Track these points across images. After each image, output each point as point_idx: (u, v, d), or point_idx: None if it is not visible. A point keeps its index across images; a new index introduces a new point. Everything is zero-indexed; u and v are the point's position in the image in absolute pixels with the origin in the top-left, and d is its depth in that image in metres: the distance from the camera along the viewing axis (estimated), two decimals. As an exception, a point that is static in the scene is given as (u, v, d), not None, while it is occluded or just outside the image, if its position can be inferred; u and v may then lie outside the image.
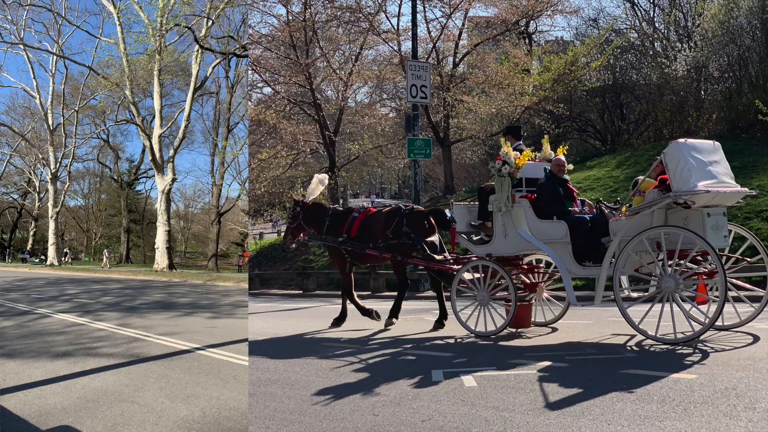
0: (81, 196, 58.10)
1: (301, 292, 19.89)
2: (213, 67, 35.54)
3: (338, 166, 27.12)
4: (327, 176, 12.24)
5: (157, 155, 35.61)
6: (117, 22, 34.57)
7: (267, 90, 28.03)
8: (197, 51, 32.68)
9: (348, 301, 10.76)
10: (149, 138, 35.85)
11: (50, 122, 45.91)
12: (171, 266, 35.66)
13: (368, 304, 11.08)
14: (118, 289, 22.48)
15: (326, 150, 26.35)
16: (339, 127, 26.72)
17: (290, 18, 25.87)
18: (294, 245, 11.80)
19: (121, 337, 10.14)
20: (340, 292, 11.40)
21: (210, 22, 30.67)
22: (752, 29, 23.36)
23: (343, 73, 26.39)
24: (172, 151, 36.08)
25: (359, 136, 28.66)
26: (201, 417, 5.65)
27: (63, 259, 46.42)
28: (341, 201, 29.81)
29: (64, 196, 48.63)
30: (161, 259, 35.68)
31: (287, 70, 26.23)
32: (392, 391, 6.00)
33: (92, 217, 57.97)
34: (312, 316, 13.11)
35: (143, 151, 46.24)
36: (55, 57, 44.79)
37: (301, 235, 11.31)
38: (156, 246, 36.75)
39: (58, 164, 46.47)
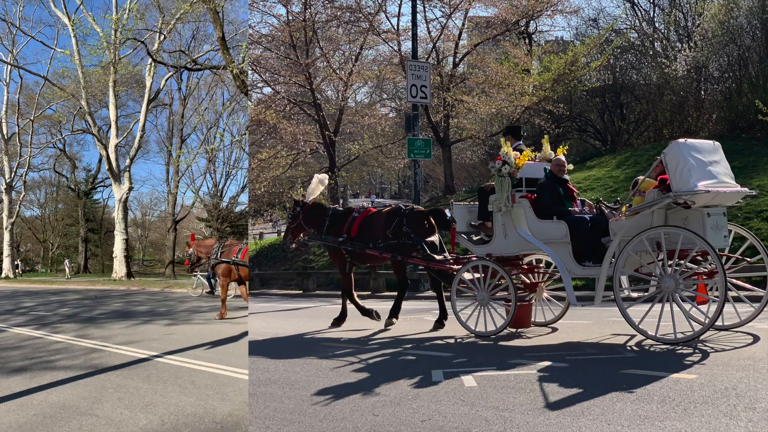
0: (37, 205, 57.05)
1: (301, 292, 19.90)
2: (166, 80, 36.44)
3: (338, 166, 27.12)
4: (327, 176, 12.24)
5: (114, 165, 36.04)
6: (72, 34, 34.95)
7: (267, 90, 28.06)
8: (150, 64, 33.27)
9: (348, 301, 10.76)
10: (105, 148, 36.27)
11: (5, 132, 45.34)
12: (129, 275, 35.99)
13: (368, 304, 11.08)
14: (76, 299, 22.11)
15: (326, 150, 26.34)
16: (339, 127, 26.72)
17: (290, 18, 25.88)
18: (294, 245, 11.81)
19: (79, 349, 10.04)
20: (340, 292, 11.40)
21: (162, 37, 31.20)
22: (752, 29, 23.36)
23: (343, 73, 26.38)
24: (128, 161, 36.64)
25: (359, 136, 28.64)
26: (160, 425, 5.67)
27: (16, 270, 46.01)
28: (341, 201, 29.81)
29: (19, 206, 47.85)
30: (119, 267, 35.97)
31: (287, 70, 26.23)
32: (392, 391, 6.00)
33: (49, 227, 57.01)
34: (312, 316, 13.10)
35: (100, 160, 46.34)
36: (9, 66, 44.51)
37: (301, 235, 11.30)
38: (114, 255, 37.01)
39: (12, 174, 45.99)
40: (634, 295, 8.69)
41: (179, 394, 6.75)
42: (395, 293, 10.69)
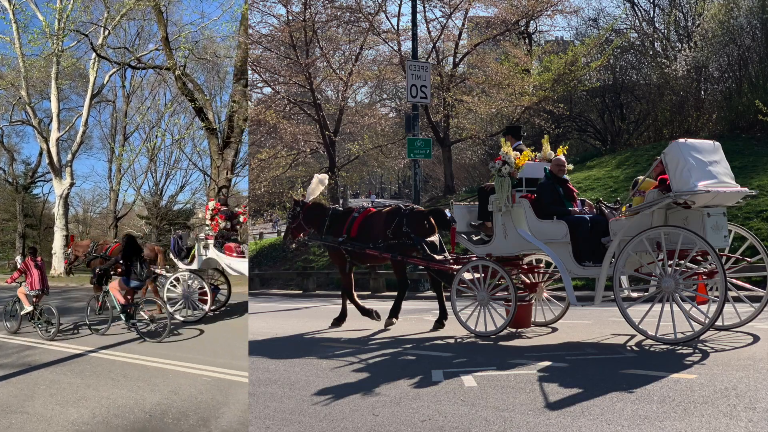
0: (-29, 199, 56.65)
1: (301, 292, 19.89)
2: (110, 76, 35.90)
3: (338, 166, 27.10)
4: (327, 176, 12.24)
5: (55, 159, 35.25)
6: (12, 20, 33.55)
7: (267, 90, 28.05)
8: (94, 58, 32.91)
9: (348, 301, 10.76)
10: (46, 141, 35.43)
11: (-63, 120, 44.72)
12: (69, 271, 35.37)
13: (368, 304, 11.08)
14: (10, 296, 21.74)
15: (326, 150, 26.33)
16: (339, 127, 26.71)
17: (290, 18, 25.85)
18: (294, 245, 11.82)
19: (12, 347, 10.04)
20: (340, 292, 11.40)
21: (107, 32, 30.99)
22: (752, 29, 23.34)
23: (343, 73, 26.37)
24: (70, 156, 35.92)
25: (359, 136, 28.62)
26: (90, 418, 5.73)
27: None
28: (341, 201, 29.79)
29: (-49, 200, 46.31)
30: (58, 264, 35.27)
31: (287, 70, 26.21)
32: (392, 391, 6.00)
33: (-17, 222, 56.37)
34: (312, 316, 13.10)
35: (40, 154, 44.79)
36: (-59, 49, 43.69)
37: (301, 235, 11.30)
38: (53, 251, 36.26)
39: (-55, 165, 44.70)
40: (634, 295, 8.69)
41: (111, 387, 6.88)
42: (395, 293, 10.69)
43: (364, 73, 27.20)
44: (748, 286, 8.28)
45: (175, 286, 12.53)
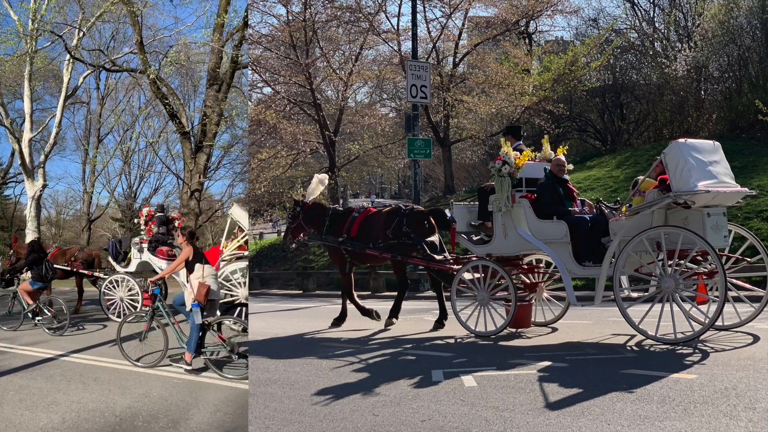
0: (-60, 200, 56.14)
1: (301, 292, 19.89)
2: (84, 78, 35.63)
3: (338, 166, 27.10)
4: (327, 176, 12.24)
5: (27, 160, 34.75)
6: None
7: (267, 90, 28.05)
8: (69, 60, 32.77)
9: (348, 301, 10.76)
10: (19, 141, 34.98)
11: None
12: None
13: (368, 304, 11.08)
14: None
15: (326, 150, 26.33)
16: (339, 127, 26.71)
17: (290, 18, 25.85)
18: (294, 245, 11.81)
19: None
20: (340, 292, 11.40)
21: (81, 34, 30.86)
22: (752, 29, 23.34)
23: (343, 73, 26.37)
24: (43, 157, 35.64)
25: (359, 136, 28.61)
26: (60, 423, 5.73)
27: None
28: (341, 201, 29.78)
29: None
30: None
31: (287, 70, 26.21)
32: (392, 391, 6.00)
33: (-48, 223, 55.99)
34: (312, 316, 13.11)
35: (12, 154, 44.19)
36: None
37: (301, 235, 11.30)
38: None
39: None
40: (634, 295, 8.69)
41: (82, 391, 6.86)
42: (395, 293, 10.69)
43: (364, 73, 27.20)
44: (748, 286, 8.28)
45: (110, 289, 13.11)
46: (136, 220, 15.86)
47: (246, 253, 11.89)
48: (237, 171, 30.79)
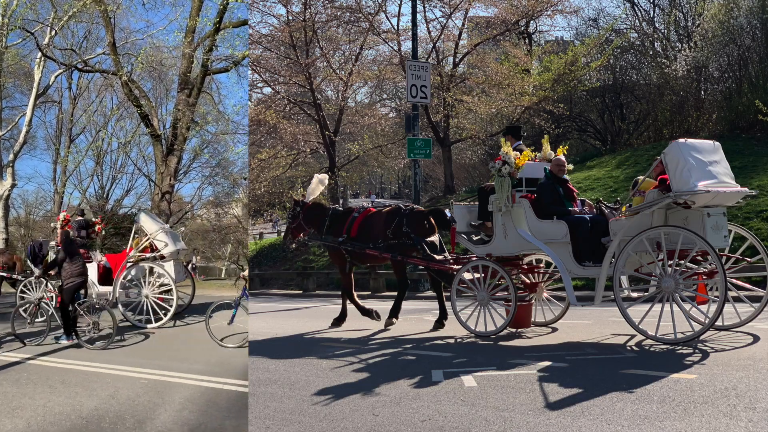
0: None
1: (301, 292, 19.89)
2: (56, 77, 35.26)
3: (338, 166, 27.10)
4: (327, 176, 12.24)
5: None
6: None
7: (267, 90, 28.05)
8: (40, 58, 32.53)
9: (348, 301, 10.76)
10: None
11: None
12: None
13: (368, 304, 11.08)
14: None
15: (326, 150, 26.34)
16: (339, 127, 26.71)
17: (290, 18, 25.85)
18: (294, 245, 11.82)
19: None
20: (340, 292, 11.40)
21: (53, 32, 30.66)
22: (752, 29, 23.33)
23: (343, 73, 26.37)
24: (12, 156, 35.39)
25: (359, 136, 28.62)
26: (25, 428, 5.72)
27: None
28: (341, 201, 29.78)
29: None
30: None
31: (287, 70, 26.21)
32: (392, 391, 6.00)
33: None
34: (312, 316, 13.11)
35: None
36: None
37: (301, 235, 11.30)
38: None
39: None
40: (634, 295, 8.69)
41: (48, 395, 6.82)
42: (395, 293, 10.69)
43: (364, 73, 27.19)
44: (748, 286, 8.28)
45: (24, 292, 13.46)
46: (52, 224, 16.31)
47: (148, 255, 13.08)
48: (206, 174, 30.84)
